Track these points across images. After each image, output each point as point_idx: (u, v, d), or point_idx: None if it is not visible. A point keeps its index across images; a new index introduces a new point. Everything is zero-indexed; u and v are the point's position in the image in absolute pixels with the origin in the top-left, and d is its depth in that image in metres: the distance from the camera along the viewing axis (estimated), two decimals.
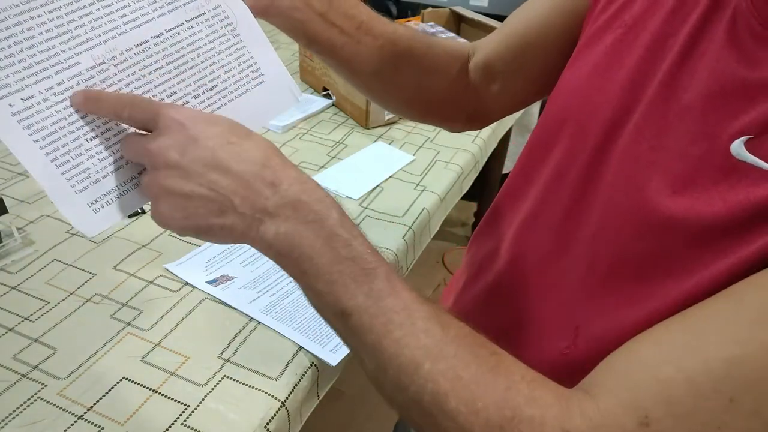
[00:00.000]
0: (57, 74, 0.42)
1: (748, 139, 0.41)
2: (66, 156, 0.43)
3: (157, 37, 0.48)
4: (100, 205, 0.45)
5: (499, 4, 2.33)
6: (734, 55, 0.44)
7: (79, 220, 0.44)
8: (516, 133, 1.89)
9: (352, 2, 0.62)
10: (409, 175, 1.13)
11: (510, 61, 0.68)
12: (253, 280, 0.83)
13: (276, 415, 0.66)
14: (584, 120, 0.54)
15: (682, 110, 0.46)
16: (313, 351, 0.73)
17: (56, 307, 0.78)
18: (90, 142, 0.44)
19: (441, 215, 1.12)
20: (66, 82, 0.43)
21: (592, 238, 0.52)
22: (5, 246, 0.86)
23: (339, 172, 1.12)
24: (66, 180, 0.43)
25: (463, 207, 1.50)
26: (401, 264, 0.95)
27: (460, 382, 0.40)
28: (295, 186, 0.43)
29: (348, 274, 0.42)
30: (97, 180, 0.45)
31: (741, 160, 0.41)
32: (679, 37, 0.48)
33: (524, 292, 0.59)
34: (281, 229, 0.43)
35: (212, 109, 0.50)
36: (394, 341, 0.41)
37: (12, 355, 0.71)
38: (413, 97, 0.71)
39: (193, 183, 0.42)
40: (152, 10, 0.48)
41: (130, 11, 0.47)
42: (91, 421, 0.64)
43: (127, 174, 0.46)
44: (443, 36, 1.54)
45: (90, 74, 0.44)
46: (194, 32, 0.50)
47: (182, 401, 0.66)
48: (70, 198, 0.43)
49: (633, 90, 0.50)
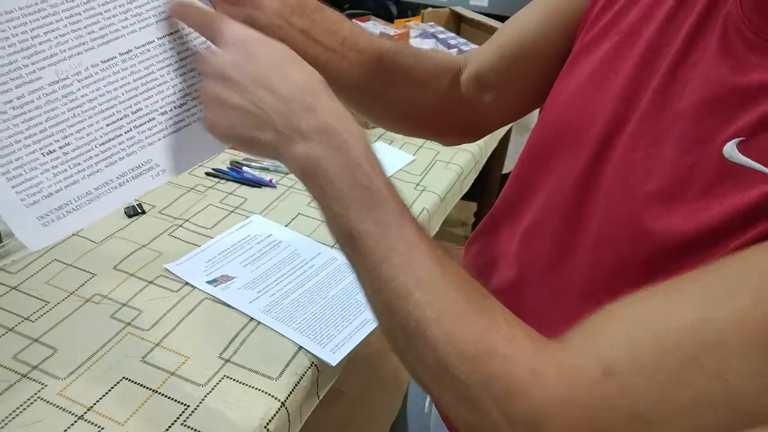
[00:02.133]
0: (17, 88, 0.42)
1: (740, 141, 0.42)
2: (19, 170, 0.42)
3: (125, 53, 0.47)
4: (51, 219, 0.45)
5: (499, 4, 2.33)
6: (726, 62, 0.45)
7: (25, 233, 0.44)
8: (516, 132, 1.89)
9: (334, 18, 0.62)
10: (409, 175, 1.13)
11: (504, 70, 0.67)
12: (253, 280, 0.83)
13: (276, 415, 0.66)
14: (581, 129, 0.54)
15: (676, 117, 0.47)
16: (313, 351, 0.73)
17: (56, 307, 0.78)
18: (46, 156, 0.43)
19: (441, 215, 1.12)
20: (26, 96, 0.42)
21: (593, 246, 0.52)
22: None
23: None
24: (16, 194, 0.42)
25: (463, 207, 1.50)
26: None
27: (446, 314, 0.42)
28: (330, 114, 0.46)
29: (362, 201, 0.45)
30: (49, 194, 0.44)
31: (735, 163, 0.42)
32: (674, 45, 0.49)
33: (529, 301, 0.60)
34: (311, 151, 0.46)
35: (178, 126, 0.49)
36: (391, 267, 0.44)
37: (12, 355, 0.71)
38: (403, 111, 0.71)
39: (241, 97, 0.46)
40: (122, 27, 0.47)
41: (99, 27, 0.46)
42: (91, 421, 0.64)
43: (82, 189, 0.45)
44: (443, 36, 1.54)
45: (52, 89, 0.43)
46: (166, 49, 0.50)
47: (182, 401, 0.66)
48: (18, 211, 0.43)
49: (628, 98, 0.51)
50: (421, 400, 0.77)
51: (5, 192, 0.42)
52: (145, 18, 0.49)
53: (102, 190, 0.46)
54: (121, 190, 0.46)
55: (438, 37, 1.54)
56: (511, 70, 0.66)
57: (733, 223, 0.41)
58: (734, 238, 0.41)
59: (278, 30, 0.57)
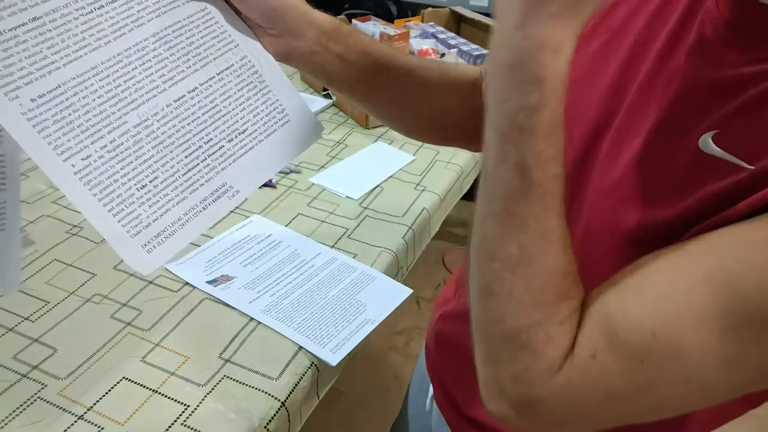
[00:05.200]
0: (109, 134, 0.47)
1: (715, 133, 0.44)
2: (121, 205, 0.47)
3: (192, 91, 0.53)
4: (153, 245, 0.49)
5: None
6: (703, 56, 0.47)
7: (135, 260, 0.48)
8: None
9: (366, 41, 0.65)
10: (409, 175, 1.13)
11: None
12: (253, 280, 0.83)
13: (276, 415, 0.66)
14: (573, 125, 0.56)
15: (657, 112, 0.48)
16: (313, 351, 0.73)
17: (56, 307, 0.78)
18: (140, 190, 0.49)
19: (441, 215, 1.12)
20: (117, 140, 0.48)
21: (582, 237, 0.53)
22: None
23: (339, 172, 1.12)
24: (122, 227, 0.47)
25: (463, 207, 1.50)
26: (401, 264, 0.95)
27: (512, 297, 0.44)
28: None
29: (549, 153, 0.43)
30: (148, 224, 0.49)
31: (710, 154, 0.44)
32: (658, 41, 0.50)
33: None
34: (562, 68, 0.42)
35: (244, 150, 0.54)
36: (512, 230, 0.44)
37: (12, 355, 0.71)
38: (433, 122, 0.74)
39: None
40: (186, 68, 0.53)
41: (168, 71, 0.52)
42: (91, 421, 0.64)
43: (173, 216, 0.50)
44: (443, 36, 1.54)
45: (137, 130, 0.49)
46: (225, 83, 0.55)
47: (182, 401, 0.66)
48: (126, 242, 0.47)
49: (616, 93, 0.52)
50: (421, 400, 0.77)
51: (113, 227, 0.47)
52: (204, 57, 0.54)
53: (189, 215, 0.50)
54: (204, 213, 0.50)
55: (438, 37, 1.54)
56: None
57: (707, 212, 0.42)
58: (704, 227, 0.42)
59: (317, 56, 0.61)
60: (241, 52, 0.56)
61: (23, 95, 0.44)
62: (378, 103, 0.71)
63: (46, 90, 0.45)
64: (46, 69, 0.45)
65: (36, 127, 0.44)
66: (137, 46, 0.51)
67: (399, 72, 0.68)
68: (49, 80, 0.45)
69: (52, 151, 0.45)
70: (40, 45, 0.45)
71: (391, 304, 0.82)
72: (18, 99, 0.44)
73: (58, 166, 0.45)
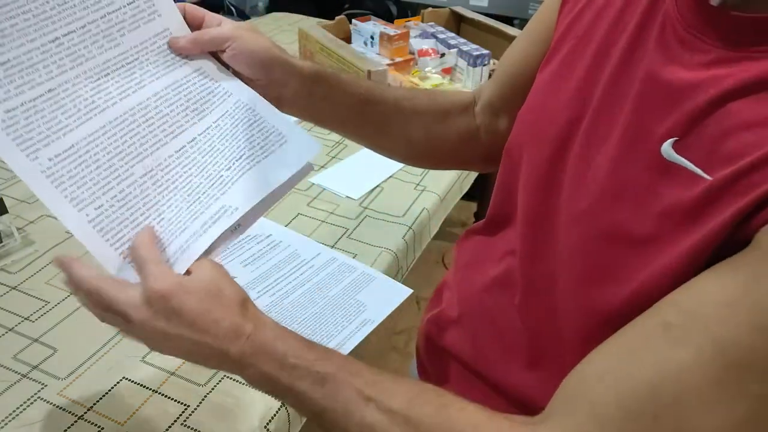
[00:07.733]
0: (118, 185, 0.52)
1: (675, 141, 0.44)
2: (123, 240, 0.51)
3: (192, 141, 0.57)
4: None
5: (499, 4, 2.33)
6: (661, 59, 0.47)
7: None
8: None
9: (349, 80, 0.68)
10: (409, 175, 1.13)
11: (508, 96, 0.71)
12: (253, 280, 0.83)
13: (276, 415, 0.66)
14: (543, 130, 0.57)
15: (621, 114, 0.49)
16: None
17: (56, 307, 0.78)
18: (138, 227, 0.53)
19: (441, 215, 1.12)
20: (126, 189, 0.52)
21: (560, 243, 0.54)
22: (5, 246, 0.86)
23: (339, 172, 1.12)
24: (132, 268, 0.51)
25: (463, 207, 1.50)
26: (401, 264, 0.95)
27: None
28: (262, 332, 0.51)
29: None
30: None
31: (672, 162, 0.44)
32: (619, 45, 0.51)
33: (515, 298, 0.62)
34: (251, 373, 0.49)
35: (243, 172, 0.57)
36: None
37: (12, 355, 0.71)
38: (425, 148, 0.76)
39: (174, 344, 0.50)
40: (185, 121, 0.57)
41: (169, 126, 0.56)
42: (91, 421, 0.64)
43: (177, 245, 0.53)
44: (443, 36, 1.54)
45: (143, 180, 0.53)
46: (222, 128, 0.59)
47: (182, 401, 0.66)
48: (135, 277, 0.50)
49: (582, 98, 0.53)
50: None
51: (125, 269, 0.51)
52: (201, 110, 0.58)
53: (191, 240, 0.53)
54: (205, 236, 0.53)
55: (438, 37, 1.54)
56: (512, 95, 0.70)
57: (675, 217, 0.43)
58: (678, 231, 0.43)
59: (303, 100, 0.64)
60: (233, 98, 0.60)
61: (42, 156, 0.49)
62: (368, 136, 0.74)
63: (62, 150, 0.50)
64: (61, 132, 0.51)
65: (54, 182, 0.49)
66: (140, 105, 0.55)
67: (385, 104, 0.70)
68: (64, 141, 0.50)
69: (68, 203, 0.50)
70: (56, 111, 0.51)
71: (391, 304, 0.82)
72: (38, 159, 0.49)
73: (74, 216, 0.50)
